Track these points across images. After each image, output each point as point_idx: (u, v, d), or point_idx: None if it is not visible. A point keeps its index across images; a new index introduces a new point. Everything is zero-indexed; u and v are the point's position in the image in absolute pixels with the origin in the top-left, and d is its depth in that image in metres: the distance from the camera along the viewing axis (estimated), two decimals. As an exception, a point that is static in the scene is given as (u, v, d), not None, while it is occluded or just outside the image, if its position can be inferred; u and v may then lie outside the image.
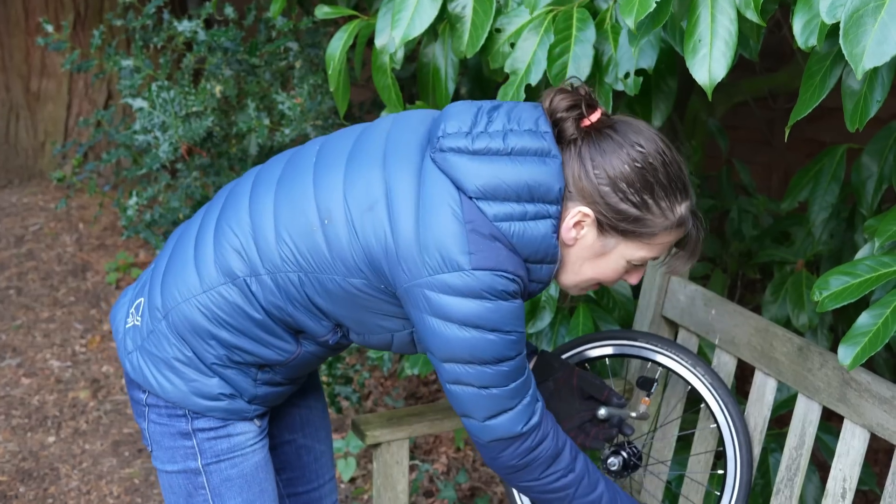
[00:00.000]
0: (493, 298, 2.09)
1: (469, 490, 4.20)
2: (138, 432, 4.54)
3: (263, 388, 2.35)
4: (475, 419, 2.21)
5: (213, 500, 2.38)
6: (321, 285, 2.19)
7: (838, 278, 2.30)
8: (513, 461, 2.25)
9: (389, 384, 4.79)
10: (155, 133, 3.97)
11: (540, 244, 2.15)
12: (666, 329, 2.93)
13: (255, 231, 2.22)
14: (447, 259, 2.08)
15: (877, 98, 2.09)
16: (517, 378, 2.19)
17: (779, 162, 5.40)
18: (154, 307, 2.33)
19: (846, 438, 2.46)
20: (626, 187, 2.14)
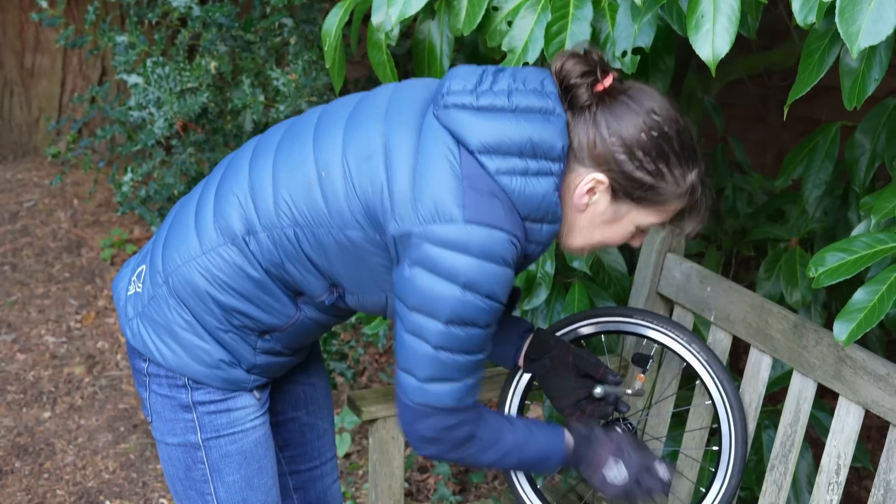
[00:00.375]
0: (484, 258, 2.06)
1: (463, 466, 4.21)
2: (133, 408, 4.55)
3: (263, 357, 2.34)
4: (416, 377, 2.17)
5: (212, 475, 2.38)
6: (316, 240, 2.18)
7: (834, 255, 2.31)
8: (429, 433, 2.23)
9: (384, 360, 4.80)
10: (150, 109, 3.96)
11: (541, 202, 2.12)
12: (661, 306, 2.94)
13: (254, 191, 2.22)
14: (441, 210, 2.06)
15: (874, 76, 2.10)
16: (476, 352, 2.17)
17: (773, 140, 5.40)
18: (155, 272, 2.33)
19: (841, 415, 2.47)
20: (642, 155, 2.13)
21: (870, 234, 2.32)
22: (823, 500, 2.50)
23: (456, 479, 4.11)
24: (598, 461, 2.45)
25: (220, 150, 4.26)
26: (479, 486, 4.10)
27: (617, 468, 2.45)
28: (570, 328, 2.76)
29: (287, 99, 3.86)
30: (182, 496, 2.43)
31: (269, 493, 2.46)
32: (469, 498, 4.04)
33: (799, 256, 3.39)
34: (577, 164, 2.16)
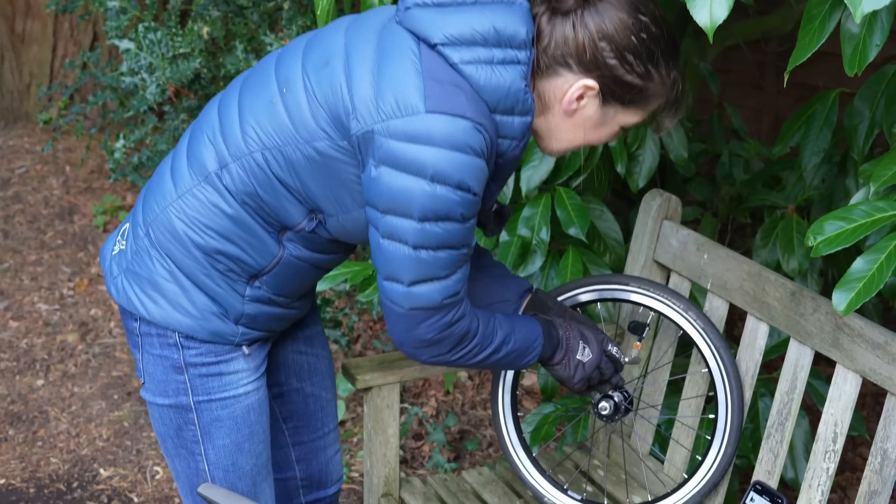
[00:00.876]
0: (449, 147, 2.01)
1: (458, 433, 4.21)
2: (127, 375, 4.54)
3: (252, 306, 2.30)
4: (401, 283, 2.12)
5: (202, 437, 2.36)
6: (285, 159, 2.13)
7: (833, 223, 2.29)
8: (428, 335, 2.19)
9: (378, 327, 4.79)
10: (142, 75, 3.93)
11: (508, 91, 2.08)
12: (658, 273, 2.92)
13: (223, 126, 2.20)
14: (402, 103, 2.02)
15: (876, 42, 2.07)
16: (458, 247, 2.12)
17: (769, 106, 5.38)
18: (136, 225, 2.31)
19: (838, 383, 2.46)
20: (632, 59, 2.12)
21: (869, 203, 2.30)
22: (820, 468, 2.49)
23: (451, 447, 4.10)
24: (570, 344, 2.47)
25: (214, 116, 4.22)
26: (474, 454, 4.09)
27: (583, 349, 2.49)
28: (567, 296, 2.75)
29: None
30: (173, 454, 2.42)
31: (259, 458, 2.44)
32: (464, 465, 4.04)
33: (796, 224, 3.37)
34: (564, 69, 2.13)
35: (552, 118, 2.21)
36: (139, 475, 3.98)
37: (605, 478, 2.98)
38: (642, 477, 2.94)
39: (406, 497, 2.91)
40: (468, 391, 4.42)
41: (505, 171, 2.21)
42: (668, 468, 2.90)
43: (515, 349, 2.38)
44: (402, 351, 2.26)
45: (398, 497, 2.92)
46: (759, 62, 5.06)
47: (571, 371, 2.49)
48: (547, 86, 2.17)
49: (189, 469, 2.40)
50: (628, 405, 2.70)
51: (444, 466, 3.97)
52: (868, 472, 2.39)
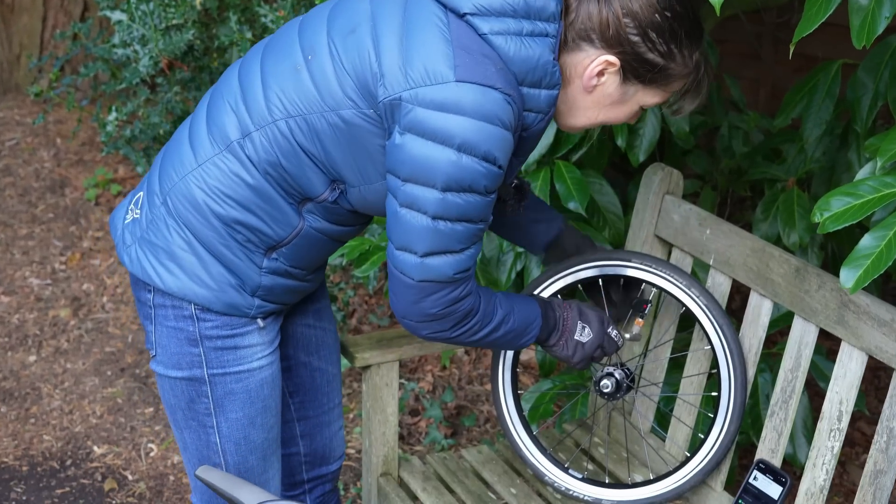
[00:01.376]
0: (478, 118, 2.00)
1: (455, 409, 4.18)
2: (121, 351, 4.50)
3: (268, 278, 2.28)
4: (414, 253, 2.10)
5: (215, 410, 2.35)
6: (310, 127, 2.11)
7: (840, 199, 2.25)
8: (434, 309, 2.17)
9: (374, 302, 4.76)
10: (134, 47, 3.87)
11: (536, 63, 2.08)
12: (659, 249, 2.88)
13: (245, 93, 2.18)
14: (431, 71, 2.00)
15: (885, 14, 2.02)
16: (477, 221, 2.10)
17: (766, 76, 5.34)
18: (153, 193, 2.28)
19: (843, 361, 2.42)
20: (655, 37, 2.12)
21: (876, 178, 2.26)
22: (825, 447, 2.46)
23: (448, 423, 4.07)
24: (567, 325, 2.46)
25: (206, 88, 4.18)
26: (471, 430, 4.06)
27: (582, 329, 2.48)
28: (568, 272, 2.71)
29: (275, 36, 3.77)
30: (182, 426, 2.41)
31: (270, 432, 2.44)
32: (461, 441, 4.01)
33: (797, 197, 3.33)
34: (587, 44, 2.14)
35: (572, 93, 2.20)
36: (133, 453, 3.94)
37: (607, 456, 2.95)
38: (643, 455, 2.91)
39: (405, 476, 2.88)
40: (465, 366, 4.39)
41: (528, 145, 2.20)
42: (669, 446, 2.87)
43: (513, 329, 2.35)
44: (403, 324, 2.24)
45: (397, 476, 2.89)
46: (756, 32, 5.01)
47: (570, 351, 2.47)
48: (569, 60, 2.16)
49: (199, 441, 2.39)
50: (630, 383, 2.67)
51: (440, 443, 3.94)
52: (874, 451, 2.36)
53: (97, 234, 5.39)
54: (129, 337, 4.61)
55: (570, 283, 2.71)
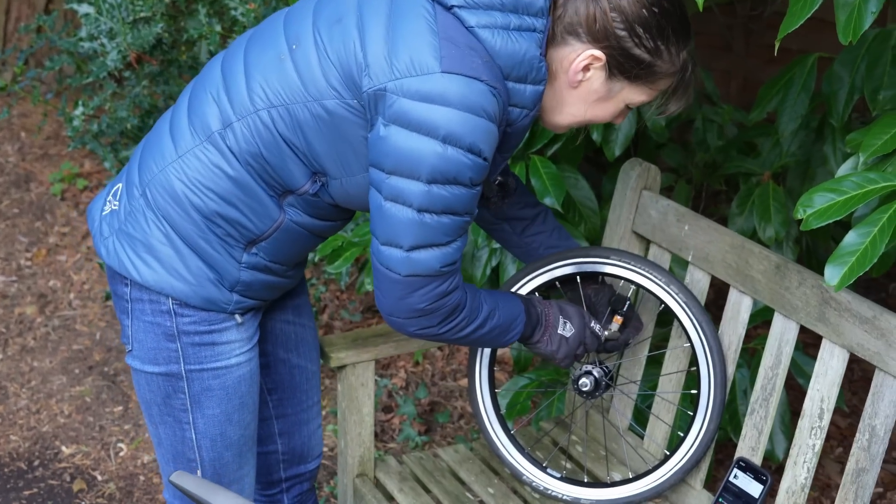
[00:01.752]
0: (463, 109, 1.98)
1: (429, 405, 4.14)
2: (88, 349, 4.43)
3: (248, 273, 2.25)
4: (400, 248, 2.07)
5: (192, 406, 2.32)
6: (292, 118, 2.09)
7: (823, 195, 2.22)
8: (421, 304, 2.14)
9: (345, 297, 4.71)
10: (101, 40, 3.81)
11: (522, 58, 2.06)
12: (637, 245, 2.85)
13: (227, 84, 2.16)
14: (416, 62, 1.99)
15: (871, 9, 2.00)
16: (462, 213, 2.08)
17: (738, 68, 5.33)
18: (132, 185, 2.26)
19: (824, 359, 2.40)
20: (642, 32, 2.11)
21: (859, 174, 2.23)
22: (806, 445, 2.44)
23: (421, 419, 4.04)
24: (549, 320, 2.44)
25: (175, 81, 4.12)
26: (445, 426, 4.03)
27: (564, 324, 2.46)
28: (546, 269, 2.67)
29: (245, 29, 3.71)
30: (157, 421, 2.38)
31: (247, 429, 2.41)
32: (435, 437, 3.97)
33: (772, 191, 3.32)
34: (573, 38, 2.12)
35: (557, 88, 2.19)
36: (102, 452, 3.88)
37: (585, 454, 2.92)
38: (622, 453, 2.88)
39: (381, 477, 2.84)
40: (438, 362, 4.36)
41: (512, 141, 2.18)
42: (647, 444, 2.84)
43: (499, 324, 2.33)
44: (390, 322, 2.21)
45: (373, 477, 2.85)
46: (728, 24, 4.99)
47: (555, 346, 2.44)
48: (555, 55, 2.15)
49: (174, 437, 2.37)
50: (609, 381, 2.65)
51: (414, 439, 3.90)
52: (855, 450, 2.34)
53: (63, 229, 5.32)
54: (96, 334, 4.54)
55: (548, 281, 2.68)
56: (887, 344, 2.26)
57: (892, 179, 2.19)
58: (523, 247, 2.69)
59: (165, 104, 4.24)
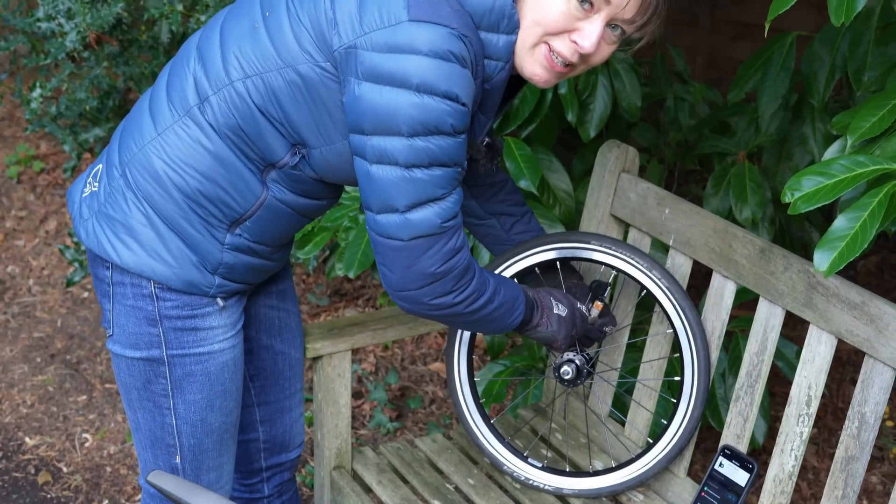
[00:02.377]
0: (433, 56, 1.94)
1: (399, 390, 4.08)
2: (50, 336, 4.34)
3: (230, 255, 2.21)
4: (397, 211, 2.03)
5: (173, 391, 2.29)
6: (266, 87, 2.06)
7: (811, 179, 2.17)
8: (432, 266, 2.09)
9: (312, 281, 4.64)
10: (59, 20, 3.70)
11: (493, 6, 2.02)
12: (615, 229, 2.80)
13: (203, 57, 2.13)
14: (384, 13, 1.96)
15: (865, -10, 1.95)
16: (450, 164, 2.03)
17: (703, 44, 5.30)
18: (112, 166, 2.22)
19: (812, 345, 2.36)
20: None
21: (848, 157, 2.18)
22: (793, 433, 2.40)
23: (392, 405, 3.98)
24: (542, 301, 2.41)
25: (136, 62, 4.01)
26: (417, 412, 3.97)
27: (556, 304, 2.44)
28: (525, 255, 2.62)
29: (208, 9, 3.62)
30: (136, 406, 2.34)
31: (229, 416, 2.38)
32: (407, 423, 3.91)
33: (748, 171, 3.28)
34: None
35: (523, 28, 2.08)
36: (67, 443, 3.80)
37: (567, 442, 2.87)
38: (603, 440, 2.84)
39: (359, 469, 2.78)
40: (408, 346, 4.29)
41: (492, 98, 2.14)
42: (629, 431, 2.80)
43: (506, 301, 2.30)
44: (402, 298, 2.16)
45: (350, 469, 2.79)
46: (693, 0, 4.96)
47: (555, 325, 2.42)
48: None
49: (154, 422, 2.33)
50: (591, 368, 2.60)
51: (386, 426, 3.84)
52: (845, 437, 2.30)
53: (20, 213, 5.20)
54: (58, 321, 4.45)
55: (528, 267, 2.62)
56: (877, 330, 2.22)
57: (880, 163, 2.14)
58: (508, 244, 2.65)
59: (125, 85, 4.15)
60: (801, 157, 3.24)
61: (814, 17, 4.42)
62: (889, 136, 2.23)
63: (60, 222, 5.15)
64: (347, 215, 3.27)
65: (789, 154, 3.31)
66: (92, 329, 4.38)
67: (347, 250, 3.18)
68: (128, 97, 4.40)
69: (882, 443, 3.81)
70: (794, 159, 3.27)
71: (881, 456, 3.77)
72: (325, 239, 3.34)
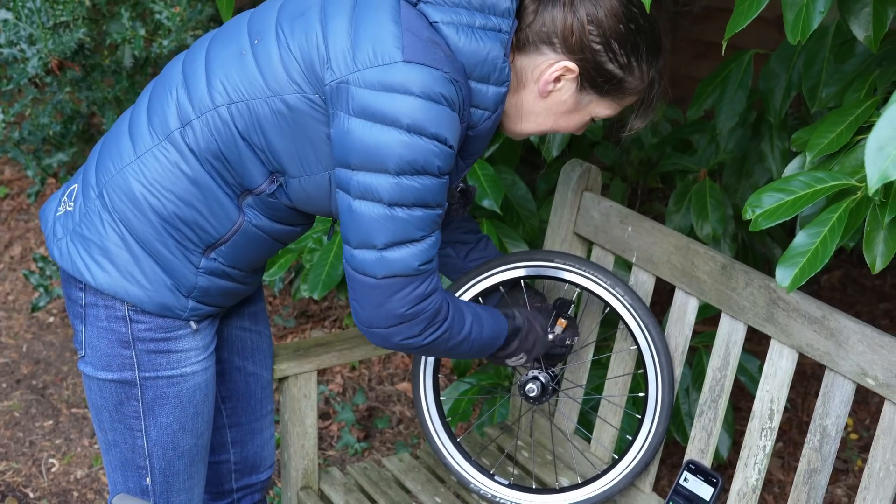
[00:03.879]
0: (425, 98, 1.96)
1: (367, 411, 4.08)
2: (15, 362, 4.32)
3: (205, 279, 2.21)
4: (374, 248, 2.04)
5: (144, 414, 2.28)
6: (251, 113, 2.06)
7: (771, 195, 2.20)
8: (402, 308, 2.10)
9: (279, 303, 4.64)
10: (21, 46, 3.70)
11: (486, 57, 2.05)
12: (579, 247, 2.83)
13: (188, 81, 2.13)
14: (379, 52, 1.97)
15: (819, 9, 1.98)
16: (432, 206, 2.05)
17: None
18: (88, 186, 2.22)
19: (773, 359, 2.39)
20: (617, 47, 2.11)
21: (807, 173, 2.21)
22: (756, 446, 2.42)
23: (360, 426, 3.98)
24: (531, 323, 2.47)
25: (98, 87, 4.02)
26: (385, 432, 3.97)
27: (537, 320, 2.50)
28: (489, 273, 2.64)
29: (171, 33, 3.63)
30: (107, 427, 2.33)
31: (200, 438, 2.38)
32: (374, 444, 3.92)
33: (709, 188, 3.31)
34: (547, 47, 2.12)
35: (525, 97, 2.18)
36: (34, 469, 3.78)
37: (533, 460, 2.88)
38: (568, 457, 2.85)
39: (326, 489, 2.79)
40: (374, 366, 4.30)
41: (474, 145, 2.16)
42: (595, 447, 2.81)
43: (485, 333, 2.33)
44: (371, 335, 2.17)
45: (318, 489, 2.79)
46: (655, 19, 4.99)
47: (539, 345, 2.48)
48: (526, 62, 2.14)
49: (125, 444, 2.33)
50: (556, 386, 2.61)
51: (354, 446, 3.85)
52: (807, 450, 2.33)
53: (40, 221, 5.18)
54: (23, 346, 4.43)
55: (493, 285, 2.64)
56: (837, 343, 2.25)
57: (839, 178, 2.17)
58: (465, 271, 2.67)
59: (89, 110, 4.14)
60: (761, 173, 3.28)
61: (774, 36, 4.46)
62: (847, 151, 2.26)
63: (25, 247, 5.14)
64: (311, 237, 3.28)
65: (749, 171, 3.34)
66: (58, 354, 4.36)
67: (312, 272, 3.20)
68: (91, 122, 4.39)
69: (847, 455, 3.84)
70: (754, 176, 3.31)
71: (846, 469, 3.80)
72: (289, 261, 3.35)
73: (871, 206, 2.06)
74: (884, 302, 4.66)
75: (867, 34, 2.11)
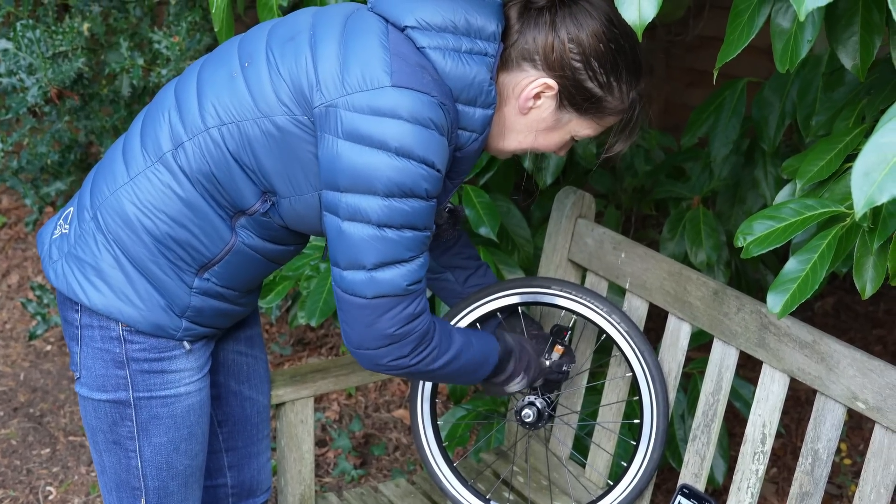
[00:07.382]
0: (413, 122, 1.99)
1: (363, 437, 4.10)
2: (13, 390, 4.34)
3: (198, 299, 2.23)
4: (363, 268, 2.07)
5: (139, 434, 2.29)
6: (242, 135, 2.09)
7: (762, 223, 2.23)
8: (391, 328, 2.12)
9: (275, 331, 4.66)
10: (20, 76, 3.73)
11: (472, 80, 2.09)
12: (573, 273, 2.85)
13: (180, 104, 2.16)
14: (367, 76, 2.00)
15: (807, 38, 2.01)
16: (421, 228, 2.08)
17: (658, 91, 5.37)
18: (83, 209, 2.25)
19: (765, 384, 2.41)
20: (597, 66, 2.14)
21: (797, 201, 2.24)
22: (749, 470, 2.44)
23: (356, 452, 4.00)
24: (522, 345, 2.50)
25: (97, 116, 4.05)
26: (381, 459, 3.99)
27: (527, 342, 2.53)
28: (486, 300, 2.66)
29: (169, 63, 3.67)
30: (102, 448, 2.34)
31: (195, 459, 2.38)
32: (371, 470, 3.93)
33: (703, 216, 3.34)
34: (528, 65, 2.15)
35: (507, 114, 2.21)
36: (31, 497, 3.79)
37: (529, 485, 2.90)
38: (564, 482, 2.87)
39: (323, 515, 2.81)
40: (371, 393, 4.32)
41: (461, 166, 2.19)
42: (590, 473, 2.83)
43: (474, 356, 2.35)
44: (361, 356, 2.19)
45: (314, 515, 2.81)
46: (648, 47, 5.03)
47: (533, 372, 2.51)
48: (508, 79, 2.18)
49: (119, 465, 2.34)
50: (552, 411, 2.63)
51: (350, 473, 3.86)
52: (799, 474, 2.35)
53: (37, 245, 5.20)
54: (20, 375, 4.44)
55: (490, 311, 2.66)
56: (828, 368, 2.27)
57: (829, 205, 2.20)
58: (464, 296, 2.70)
59: (87, 139, 4.18)
60: (754, 200, 3.31)
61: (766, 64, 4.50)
62: (837, 179, 2.28)
63: (23, 276, 5.16)
64: (309, 264, 3.31)
65: (742, 198, 3.38)
66: (55, 382, 4.38)
67: (309, 299, 3.22)
68: (89, 151, 4.42)
69: (840, 481, 3.86)
70: (748, 203, 3.34)
71: (840, 494, 3.82)
72: (286, 288, 3.37)
73: (860, 232, 2.09)
74: (877, 328, 4.69)
75: (855, 63, 2.14)
